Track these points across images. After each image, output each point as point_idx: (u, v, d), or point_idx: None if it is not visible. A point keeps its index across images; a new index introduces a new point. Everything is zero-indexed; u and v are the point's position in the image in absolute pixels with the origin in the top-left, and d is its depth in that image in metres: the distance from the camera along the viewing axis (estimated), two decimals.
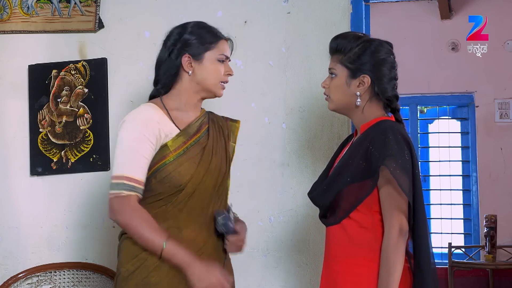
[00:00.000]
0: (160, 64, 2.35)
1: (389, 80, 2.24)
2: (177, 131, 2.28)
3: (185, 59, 2.29)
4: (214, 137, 2.35)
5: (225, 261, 2.37)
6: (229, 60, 2.38)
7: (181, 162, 2.24)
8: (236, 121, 2.50)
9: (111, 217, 2.24)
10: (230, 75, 2.37)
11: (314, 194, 2.29)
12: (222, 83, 2.35)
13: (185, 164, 2.24)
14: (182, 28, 2.34)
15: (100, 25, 3.12)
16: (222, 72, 2.33)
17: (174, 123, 2.28)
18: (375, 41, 2.26)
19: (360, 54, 2.23)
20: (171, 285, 2.21)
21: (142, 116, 2.26)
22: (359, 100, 2.23)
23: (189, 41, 2.30)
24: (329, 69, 2.29)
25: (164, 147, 2.24)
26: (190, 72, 2.30)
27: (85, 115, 3.10)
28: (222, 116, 2.48)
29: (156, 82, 2.38)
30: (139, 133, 2.22)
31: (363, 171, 2.14)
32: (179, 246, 2.17)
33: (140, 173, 2.21)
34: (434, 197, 6.32)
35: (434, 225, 6.25)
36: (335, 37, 2.31)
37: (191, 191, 2.24)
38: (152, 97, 2.39)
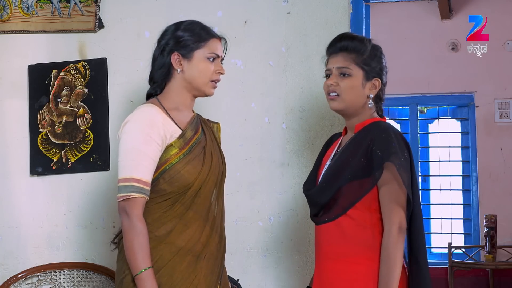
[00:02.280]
0: (154, 62, 2.36)
1: (385, 85, 2.32)
2: (180, 131, 2.28)
3: (174, 57, 2.30)
4: (209, 137, 2.37)
5: (223, 268, 2.39)
6: (222, 59, 2.37)
7: (188, 161, 2.24)
8: (217, 123, 2.51)
9: (121, 216, 2.22)
10: (221, 73, 2.35)
11: (312, 192, 2.30)
12: (213, 82, 2.34)
13: (192, 162, 2.25)
14: (176, 26, 2.34)
15: (100, 25, 3.12)
16: (211, 71, 2.31)
17: (175, 123, 2.28)
18: (378, 46, 2.31)
19: (373, 57, 2.26)
20: (181, 285, 2.22)
21: (146, 117, 2.24)
22: (371, 102, 2.26)
23: (180, 39, 2.30)
24: (340, 67, 2.26)
25: (169, 147, 2.24)
26: (179, 70, 2.30)
27: (85, 115, 3.10)
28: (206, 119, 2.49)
29: (150, 79, 2.38)
30: (145, 134, 2.20)
31: (364, 168, 2.16)
32: (154, 279, 2.15)
33: (148, 175, 2.20)
34: (434, 197, 6.30)
35: (434, 225, 6.24)
36: (344, 36, 2.30)
37: (197, 188, 2.25)
38: (149, 95, 2.39)
